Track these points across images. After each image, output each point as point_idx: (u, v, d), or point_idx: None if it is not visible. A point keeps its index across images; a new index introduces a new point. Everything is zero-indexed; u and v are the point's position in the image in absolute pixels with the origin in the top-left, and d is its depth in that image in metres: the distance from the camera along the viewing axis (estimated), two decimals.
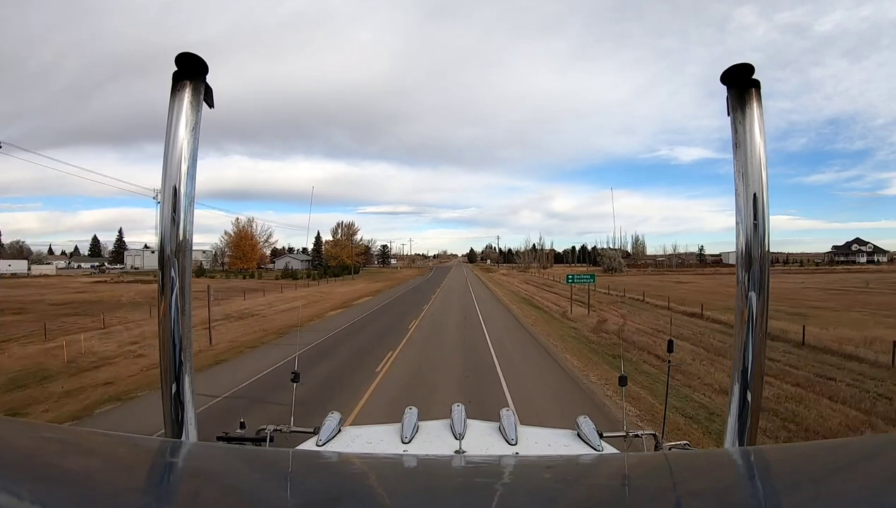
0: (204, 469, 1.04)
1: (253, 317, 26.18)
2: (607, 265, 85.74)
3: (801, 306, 27.77)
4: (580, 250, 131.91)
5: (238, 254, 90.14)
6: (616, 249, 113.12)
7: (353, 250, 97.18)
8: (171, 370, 1.29)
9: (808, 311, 25.41)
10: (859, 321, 21.63)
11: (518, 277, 70.77)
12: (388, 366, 13.18)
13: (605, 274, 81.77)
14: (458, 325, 21.94)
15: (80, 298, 38.15)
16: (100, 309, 26.51)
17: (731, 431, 1.31)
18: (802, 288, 44.92)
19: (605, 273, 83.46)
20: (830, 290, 43.10)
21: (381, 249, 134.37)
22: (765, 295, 1.25)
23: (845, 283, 51.80)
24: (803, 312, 24.14)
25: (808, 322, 18.55)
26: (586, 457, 1.63)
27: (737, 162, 1.26)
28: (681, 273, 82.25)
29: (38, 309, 29.83)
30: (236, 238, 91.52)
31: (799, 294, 37.47)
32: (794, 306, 27.09)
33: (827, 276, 66.92)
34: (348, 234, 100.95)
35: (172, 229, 1.24)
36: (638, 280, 65.64)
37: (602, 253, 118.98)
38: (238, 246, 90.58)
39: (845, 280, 58.16)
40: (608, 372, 12.58)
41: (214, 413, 8.92)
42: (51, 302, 34.92)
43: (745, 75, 1.25)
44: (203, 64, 1.28)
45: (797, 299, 32.46)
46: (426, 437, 1.84)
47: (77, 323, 23.00)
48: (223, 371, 13.23)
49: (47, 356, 14.95)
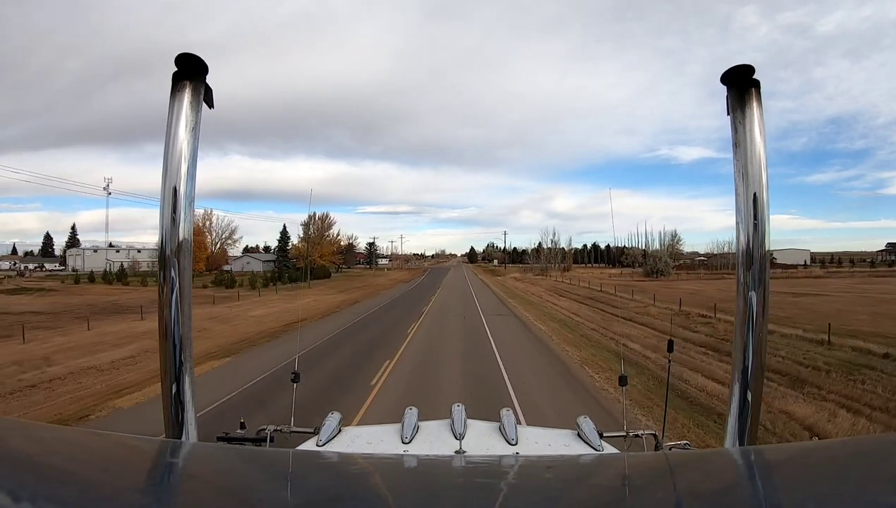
0: (204, 469, 1.04)
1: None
2: (651, 267, 66.74)
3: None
4: (592, 249, 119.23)
5: None
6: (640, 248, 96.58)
7: (326, 248, 78.45)
8: (171, 370, 1.28)
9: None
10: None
11: (540, 284, 51.68)
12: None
13: (647, 278, 63.12)
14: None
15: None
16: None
17: (732, 431, 1.31)
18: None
19: (646, 277, 64.86)
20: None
21: (368, 248, 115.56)
22: (765, 295, 1.25)
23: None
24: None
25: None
26: (586, 457, 1.64)
27: (737, 162, 1.27)
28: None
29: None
30: None
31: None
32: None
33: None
34: (321, 229, 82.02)
35: (172, 229, 1.23)
36: (700, 287, 46.68)
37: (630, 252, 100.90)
38: None
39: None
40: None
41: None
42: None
43: (746, 76, 1.26)
44: (203, 64, 1.28)
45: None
46: (426, 437, 1.83)
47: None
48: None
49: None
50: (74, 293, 44.95)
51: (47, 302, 37.04)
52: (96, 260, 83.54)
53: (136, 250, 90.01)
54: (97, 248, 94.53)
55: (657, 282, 55.12)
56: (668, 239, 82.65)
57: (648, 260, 70.08)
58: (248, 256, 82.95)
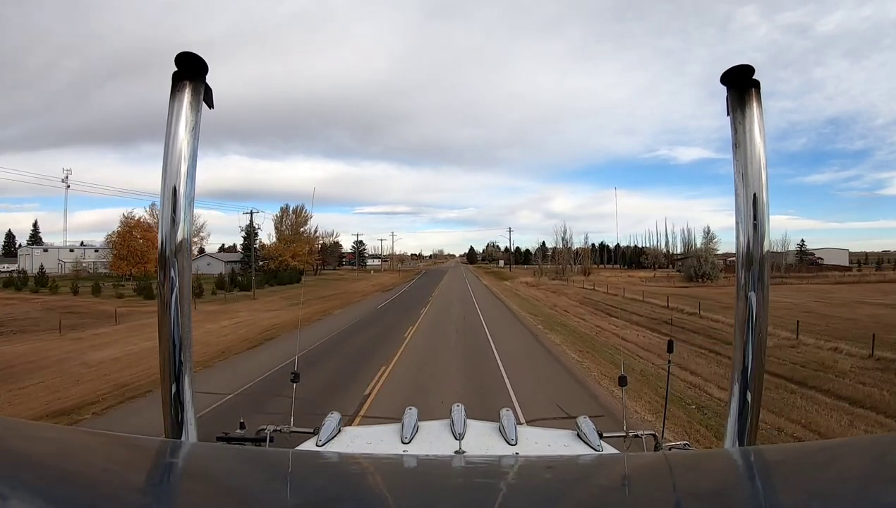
0: (204, 469, 1.03)
1: None
2: (693, 270, 54.02)
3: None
4: (600, 248, 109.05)
5: (122, 254, 60.04)
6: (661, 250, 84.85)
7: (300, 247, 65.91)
8: (170, 370, 1.27)
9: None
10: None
11: (566, 294, 38.85)
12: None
13: (690, 284, 50.84)
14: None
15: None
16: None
17: (731, 431, 1.30)
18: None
19: (689, 282, 52.54)
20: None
21: (356, 247, 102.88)
22: (765, 295, 1.25)
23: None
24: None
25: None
26: (586, 457, 1.62)
27: (737, 162, 1.26)
28: (806, 281, 51.44)
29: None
30: (123, 231, 61.45)
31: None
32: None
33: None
34: (295, 225, 69.43)
35: (172, 229, 1.22)
36: (782, 297, 34.54)
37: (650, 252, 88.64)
38: (124, 243, 60.48)
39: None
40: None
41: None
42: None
43: (745, 76, 1.25)
44: (203, 64, 1.27)
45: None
46: (426, 437, 1.82)
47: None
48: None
49: None
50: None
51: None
52: (48, 260, 73.32)
53: (95, 250, 79.67)
54: (48, 247, 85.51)
55: (711, 289, 42.87)
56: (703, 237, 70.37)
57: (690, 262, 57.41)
58: (208, 256, 70.15)
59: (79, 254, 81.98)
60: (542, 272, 65.99)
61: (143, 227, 61.84)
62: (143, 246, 60.99)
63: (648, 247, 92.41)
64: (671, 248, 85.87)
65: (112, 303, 34.83)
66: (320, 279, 63.50)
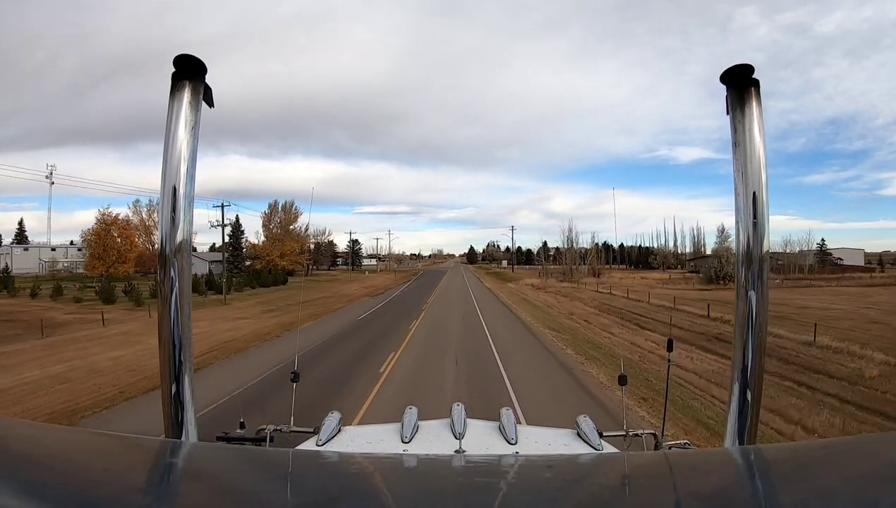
0: (204, 469, 1.04)
1: None
2: (714, 271, 49.63)
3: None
4: (603, 248, 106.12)
5: (97, 253, 56.11)
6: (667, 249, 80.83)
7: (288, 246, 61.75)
8: (170, 370, 1.28)
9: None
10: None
11: (580, 299, 34.60)
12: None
13: (711, 286, 46.77)
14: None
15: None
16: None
17: (731, 430, 1.29)
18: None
19: (710, 284, 48.44)
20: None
21: (351, 246, 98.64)
22: (765, 294, 1.25)
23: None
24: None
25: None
26: (586, 457, 1.62)
27: (736, 161, 1.26)
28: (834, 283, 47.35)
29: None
30: (100, 229, 57.54)
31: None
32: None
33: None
34: (285, 222, 65.23)
35: (172, 229, 1.23)
36: (807, 300, 30.90)
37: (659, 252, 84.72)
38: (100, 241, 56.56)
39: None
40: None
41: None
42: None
43: (745, 75, 1.25)
44: (202, 65, 1.27)
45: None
46: (426, 437, 1.82)
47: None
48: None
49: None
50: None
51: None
52: (28, 260, 70.65)
53: (78, 249, 75.86)
54: (29, 246, 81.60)
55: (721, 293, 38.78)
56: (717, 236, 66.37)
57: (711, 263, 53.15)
58: (191, 255, 66.00)
59: (60, 253, 78.16)
60: (547, 273, 61.61)
61: (120, 225, 58.05)
62: (122, 244, 57.34)
63: (656, 247, 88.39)
64: (679, 248, 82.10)
65: (65, 309, 30.73)
66: (310, 280, 59.24)
